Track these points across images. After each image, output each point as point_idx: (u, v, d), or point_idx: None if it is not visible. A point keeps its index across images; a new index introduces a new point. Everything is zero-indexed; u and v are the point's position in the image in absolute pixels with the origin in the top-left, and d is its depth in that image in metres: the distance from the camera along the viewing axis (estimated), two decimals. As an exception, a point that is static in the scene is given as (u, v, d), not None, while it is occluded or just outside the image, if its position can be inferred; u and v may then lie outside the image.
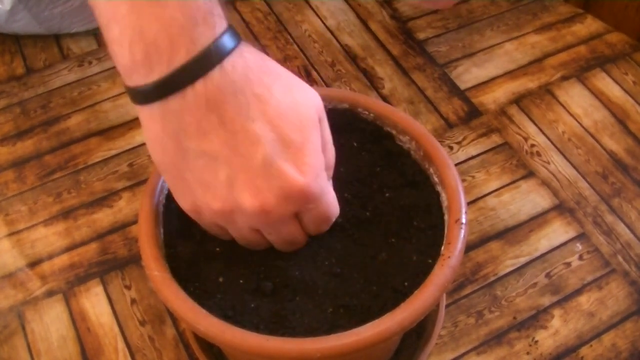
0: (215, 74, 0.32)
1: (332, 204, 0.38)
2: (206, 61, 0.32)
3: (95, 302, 0.59)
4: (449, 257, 0.39)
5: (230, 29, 0.33)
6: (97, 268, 0.61)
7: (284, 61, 0.78)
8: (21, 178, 0.68)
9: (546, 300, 0.58)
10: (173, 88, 0.32)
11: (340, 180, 0.46)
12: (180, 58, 0.31)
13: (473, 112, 0.73)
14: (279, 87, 0.34)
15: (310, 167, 0.35)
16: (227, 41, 0.32)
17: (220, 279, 0.40)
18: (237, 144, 0.33)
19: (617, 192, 0.66)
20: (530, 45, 0.79)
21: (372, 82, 0.76)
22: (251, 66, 0.33)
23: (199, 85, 0.32)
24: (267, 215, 0.35)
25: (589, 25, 0.82)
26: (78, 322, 0.58)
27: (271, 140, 0.34)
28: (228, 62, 0.32)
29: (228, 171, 0.34)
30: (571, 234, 0.63)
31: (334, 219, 0.40)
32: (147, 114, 0.34)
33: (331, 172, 0.39)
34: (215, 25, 0.32)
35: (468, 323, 0.57)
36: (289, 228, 0.38)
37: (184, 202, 0.37)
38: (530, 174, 0.67)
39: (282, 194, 0.34)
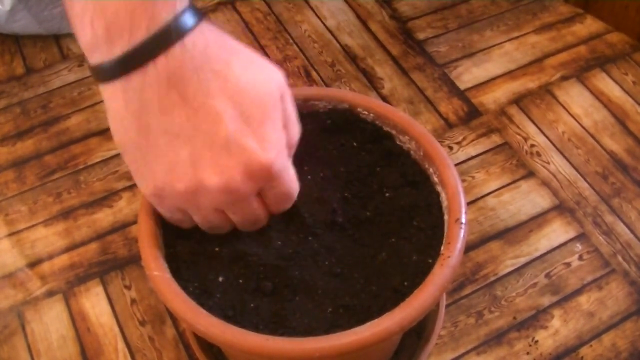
0: (176, 51, 0.32)
1: (292, 181, 0.38)
2: (166, 37, 0.32)
3: (95, 302, 0.59)
4: (448, 257, 0.39)
5: (192, 7, 0.33)
6: (97, 268, 0.61)
7: (284, 61, 0.78)
8: (21, 178, 0.68)
9: (546, 300, 0.58)
10: (134, 64, 0.32)
11: (340, 180, 0.46)
12: (141, 34, 0.31)
13: (473, 112, 0.73)
14: (238, 63, 0.34)
15: (271, 143, 0.35)
16: (188, 19, 0.32)
17: (220, 279, 0.40)
18: (198, 121, 0.33)
19: (617, 192, 0.66)
20: (530, 45, 0.79)
21: (372, 82, 0.76)
22: (210, 43, 0.33)
23: (160, 61, 0.32)
24: (232, 194, 0.35)
25: (589, 25, 0.82)
26: (78, 322, 0.58)
27: (232, 117, 0.33)
28: (188, 39, 0.32)
29: (190, 149, 0.34)
30: (571, 234, 0.63)
31: (295, 197, 0.39)
32: (110, 92, 0.34)
33: (292, 150, 0.39)
34: (176, 3, 0.32)
35: (468, 323, 0.57)
36: (252, 206, 0.37)
37: (145, 185, 0.36)
38: (530, 174, 0.67)
39: (246, 172, 0.34)
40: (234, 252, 0.41)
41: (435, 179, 0.44)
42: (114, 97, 0.34)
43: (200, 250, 0.42)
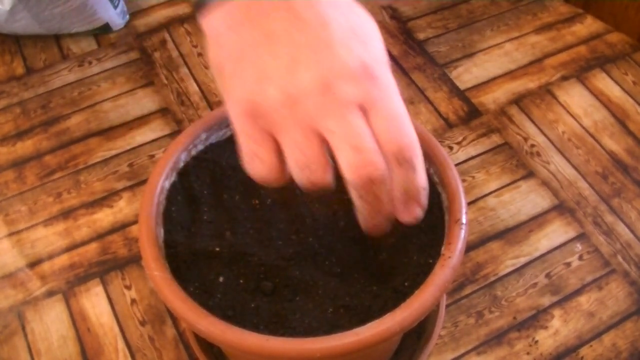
0: None
1: (400, 105, 0.34)
2: None
3: (95, 302, 0.59)
4: (449, 257, 0.39)
5: None
6: (97, 268, 0.61)
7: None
8: (21, 178, 0.68)
9: (546, 301, 0.58)
10: None
11: (340, 181, 0.46)
12: None
13: (473, 112, 0.73)
14: None
15: (378, 51, 0.34)
16: None
17: (221, 279, 0.40)
18: (304, 24, 0.33)
19: (617, 192, 0.66)
20: (530, 45, 0.79)
21: (372, 82, 0.76)
22: None
23: None
24: (330, 93, 0.33)
25: (589, 25, 0.82)
26: (78, 322, 0.58)
27: (339, 24, 0.34)
28: None
29: (290, 49, 0.33)
30: (571, 234, 0.63)
31: (409, 133, 0.34)
32: (214, 17, 0.34)
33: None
34: None
35: (468, 323, 0.57)
36: (357, 121, 0.33)
37: (237, 100, 0.34)
38: (530, 174, 0.67)
39: (346, 68, 0.33)
40: (234, 252, 0.41)
41: (436, 179, 0.44)
42: (218, 20, 0.34)
43: (201, 250, 0.42)
